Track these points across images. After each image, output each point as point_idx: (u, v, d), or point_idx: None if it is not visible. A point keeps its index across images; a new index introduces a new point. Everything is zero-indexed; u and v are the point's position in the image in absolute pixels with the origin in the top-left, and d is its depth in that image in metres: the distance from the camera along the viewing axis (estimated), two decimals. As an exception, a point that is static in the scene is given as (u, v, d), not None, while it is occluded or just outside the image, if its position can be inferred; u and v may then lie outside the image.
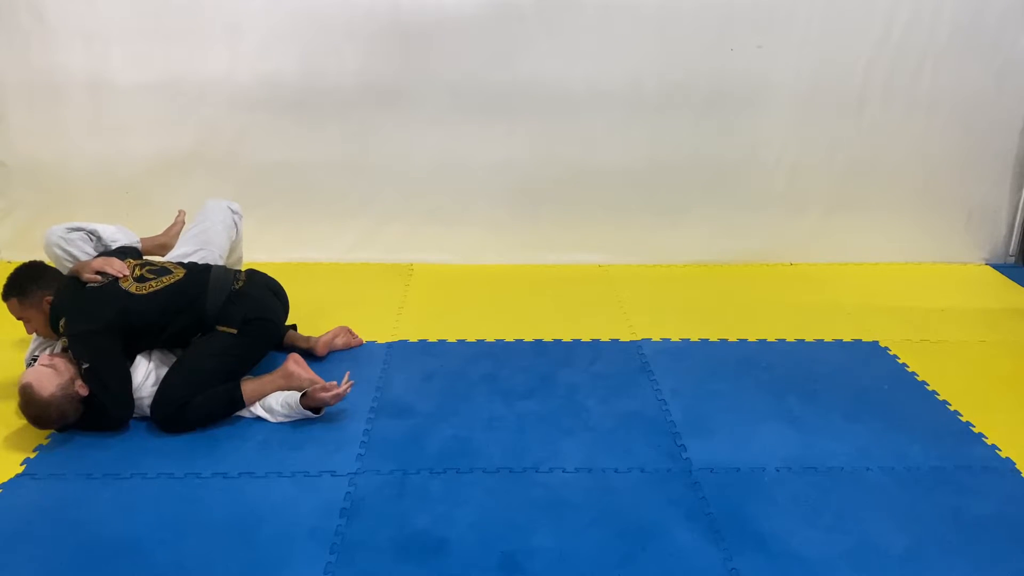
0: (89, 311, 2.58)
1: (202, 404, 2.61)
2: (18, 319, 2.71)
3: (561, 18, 3.76)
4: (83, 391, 2.51)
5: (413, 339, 3.28)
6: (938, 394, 2.93)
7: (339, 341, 3.15)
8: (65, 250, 2.79)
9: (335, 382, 2.64)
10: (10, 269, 2.75)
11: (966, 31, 3.83)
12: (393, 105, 3.87)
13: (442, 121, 3.91)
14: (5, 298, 2.68)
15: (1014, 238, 4.22)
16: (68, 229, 2.82)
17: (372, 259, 4.05)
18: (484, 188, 4.04)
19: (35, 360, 2.67)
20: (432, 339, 3.29)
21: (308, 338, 3.11)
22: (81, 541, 2.14)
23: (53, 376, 2.47)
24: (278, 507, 2.28)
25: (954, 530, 2.23)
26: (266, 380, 2.73)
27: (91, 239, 2.87)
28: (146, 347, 2.73)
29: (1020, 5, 3.81)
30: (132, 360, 2.68)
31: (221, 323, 2.72)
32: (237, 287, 2.82)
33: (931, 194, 4.11)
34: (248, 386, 2.70)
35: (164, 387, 2.61)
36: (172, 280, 2.74)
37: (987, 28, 3.83)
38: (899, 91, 3.92)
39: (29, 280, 2.67)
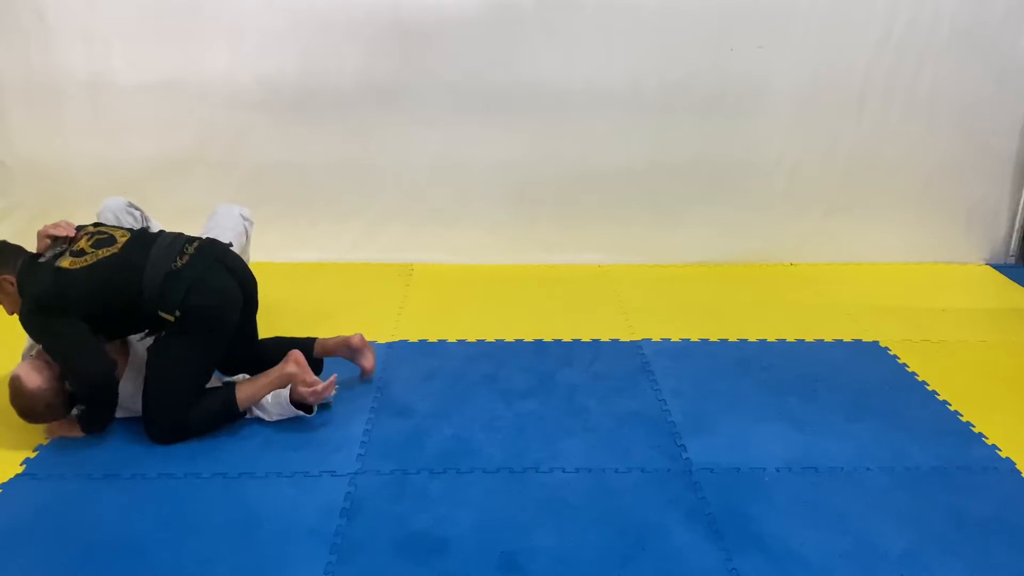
0: (30, 291, 2.50)
1: (199, 420, 2.56)
2: None
3: (561, 18, 3.75)
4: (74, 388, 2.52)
5: (413, 339, 3.28)
6: (938, 394, 2.93)
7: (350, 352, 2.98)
8: (119, 219, 2.88)
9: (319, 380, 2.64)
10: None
11: (966, 31, 3.83)
12: (393, 105, 3.87)
13: (442, 121, 3.91)
14: None
15: (1014, 238, 4.22)
16: (130, 203, 2.93)
17: (372, 259, 4.05)
18: (484, 188, 4.04)
19: (31, 358, 2.67)
20: (432, 339, 3.29)
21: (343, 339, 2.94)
22: (81, 541, 2.14)
23: (43, 369, 2.47)
24: (278, 507, 2.28)
25: (954, 530, 2.23)
26: (262, 383, 2.66)
27: (142, 222, 2.96)
28: (108, 334, 2.59)
29: (1020, 5, 3.81)
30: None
31: (159, 308, 2.48)
32: (177, 266, 2.52)
33: (931, 194, 4.11)
34: (243, 392, 2.63)
35: (148, 411, 2.55)
36: (109, 253, 2.53)
37: (987, 28, 3.83)
38: (899, 91, 3.93)
39: None
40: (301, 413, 2.64)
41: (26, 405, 2.47)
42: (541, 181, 4.03)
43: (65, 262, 2.52)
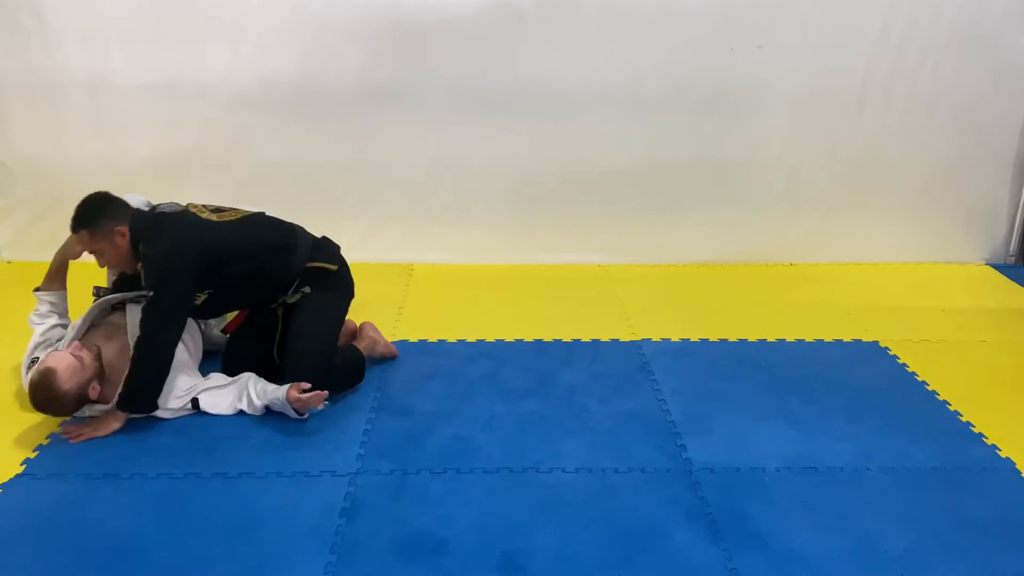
0: (170, 230, 2.56)
1: (342, 367, 2.77)
2: (90, 252, 2.64)
3: (561, 18, 3.76)
4: (93, 395, 2.52)
5: (413, 339, 3.28)
6: (938, 394, 2.93)
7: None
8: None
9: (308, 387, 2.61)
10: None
11: (966, 31, 3.83)
12: (393, 105, 3.87)
13: (442, 121, 3.91)
14: (74, 230, 2.61)
15: (1014, 238, 4.22)
16: (148, 203, 2.95)
17: (372, 259, 4.05)
18: (484, 188, 4.04)
19: (34, 362, 2.63)
20: (432, 339, 3.29)
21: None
22: (81, 541, 2.14)
23: (77, 371, 2.47)
24: (278, 507, 2.28)
25: (954, 530, 2.23)
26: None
27: None
28: (238, 296, 2.72)
29: (1020, 5, 3.81)
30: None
31: (321, 261, 2.76)
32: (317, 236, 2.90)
33: (931, 194, 4.11)
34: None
35: (300, 365, 2.66)
36: (251, 212, 2.73)
37: (987, 28, 3.83)
38: (899, 91, 3.93)
39: (96, 211, 2.58)
40: (293, 413, 2.61)
41: (45, 400, 2.46)
42: (541, 181, 4.03)
43: (210, 216, 2.64)
